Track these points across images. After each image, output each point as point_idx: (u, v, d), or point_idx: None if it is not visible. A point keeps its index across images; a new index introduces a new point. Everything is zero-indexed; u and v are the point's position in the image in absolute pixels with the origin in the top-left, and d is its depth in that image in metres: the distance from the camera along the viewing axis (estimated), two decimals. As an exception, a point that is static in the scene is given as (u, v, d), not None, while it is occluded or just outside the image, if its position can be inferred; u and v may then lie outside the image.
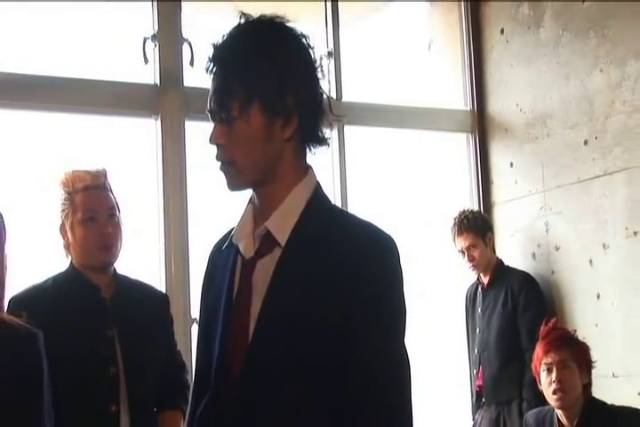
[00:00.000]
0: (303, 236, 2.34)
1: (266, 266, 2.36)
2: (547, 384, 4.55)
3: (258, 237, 2.39)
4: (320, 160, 2.48)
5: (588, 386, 4.59)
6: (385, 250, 2.34)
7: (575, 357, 4.56)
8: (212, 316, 2.47)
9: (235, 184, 2.41)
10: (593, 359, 4.61)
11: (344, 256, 2.26)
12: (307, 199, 2.39)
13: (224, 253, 2.52)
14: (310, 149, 2.44)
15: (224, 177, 2.41)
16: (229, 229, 2.55)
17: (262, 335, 2.31)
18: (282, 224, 2.36)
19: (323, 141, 2.43)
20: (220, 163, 2.41)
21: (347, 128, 6.30)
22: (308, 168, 2.44)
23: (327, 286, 2.25)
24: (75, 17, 5.84)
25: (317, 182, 2.45)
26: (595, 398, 4.63)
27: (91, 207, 3.74)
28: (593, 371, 4.62)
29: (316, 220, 2.38)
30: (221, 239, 2.58)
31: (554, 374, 4.53)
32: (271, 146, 2.33)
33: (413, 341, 6.29)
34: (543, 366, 4.61)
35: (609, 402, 4.64)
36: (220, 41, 2.40)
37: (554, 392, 4.52)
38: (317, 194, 2.42)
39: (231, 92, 2.34)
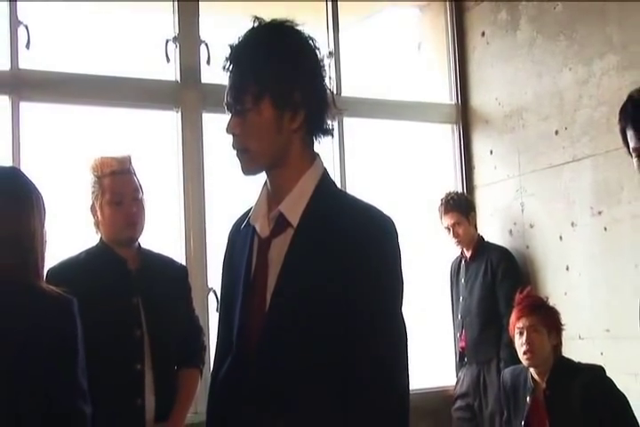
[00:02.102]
0: (313, 217, 2.36)
1: (280, 244, 2.38)
2: (519, 346, 4.59)
3: (272, 219, 2.41)
4: (321, 149, 2.49)
5: (557, 346, 4.60)
6: (385, 231, 2.35)
7: (544, 322, 4.57)
8: (232, 289, 2.48)
9: (248, 169, 2.44)
10: (562, 323, 4.63)
11: (349, 237, 2.28)
12: (315, 184, 2.42)
13: (242, 233, 2.52)
14: (317, 139, 2.46)
15: (239, 163, 2.44)
16: (246, 210, 2.57)
17: (278, 305, 2.32)
18: (293, 207, 2.39)
19: (327, 132, 2.45)
20: (235, 150, 2.44)
21: (345, 120, 6.28)
22: (315, 156, 2.47)
23: (333, 262, 2.27)
24: (106, 22, 5.83)
25: (324, 169, 2.47)
26: (563, 357, 4.64)
27: (117, 190, 3.76)
28: (564, 333, 4.63)
29: (324, 203, 2.40)
30: (239, 219, 2.60)
31: (524, 337, 4.56)
32: (280, 136, 2.36)
33: (410, 308, 6.29)
34: (516, 330, 4.63)
35: (576, 360, 4.65)
36: (236, 42, 2.42)
37: (524, 353, 4.55)
38: (325, 179, 2.45)
39: (245, 88, 2.37)
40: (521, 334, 4.59)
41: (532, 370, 4.58)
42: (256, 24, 2.42)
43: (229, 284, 2.54)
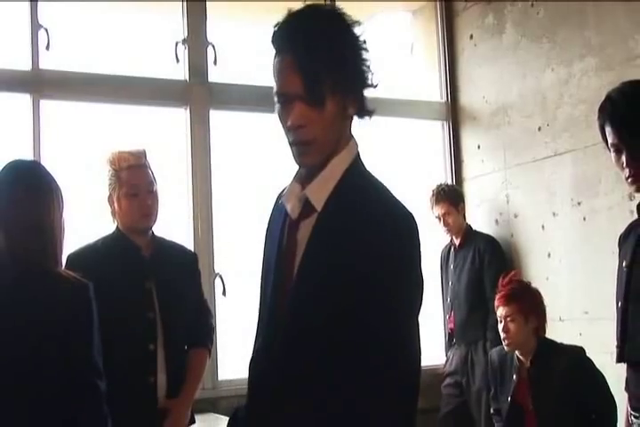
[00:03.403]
0: (337, 203, 2.22)
1: (306, 227, 2.27)
2: (500, 332, 4.61)
3: (300, 202, 2.29)
4: None
5: (538, 328, 4.60)
6: (403, 228, 2.21)
7: (522, 309, 4.56)
8: (267, 264, 2.38)
9: (312, 161, 2.25)
10: (545, 305, 4.63)
11: (367, 229, 2.15)
12: (345, 167, 2.27)
13: (280, 208, 2.40)
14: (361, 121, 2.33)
15: (298, 156, 2.25)
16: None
17: (301, 282, 2.22)
18: (319, 192, 2.24)
19: (371, 113, 2.31)
20: (295, 143, 2.23)
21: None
22: (350, 138, 2.31)
23: (350, 250, 2.14)
24: (120, 25, 5.84)
25: (357, 152, 2.32)
26: (546, 339, 4.65)
27: (133, 183, 3.75)
28: (546, 315, 4.63)
29: (351, 189, 2.25)
30: (281, 193, 2.45)
31: (502, 325, 4.58)
32: (343, 123, 2.24)
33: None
34: (498, 317, 4.65)
35: (557, 341, 4.66)
36: (291, 27, 2.21)
37: (503, 339, 4.58)
38: (355, 162, 2.30)
39: (320, 78, 2.16)
40: (500, 321, 4.61)
41: (516, 351, 4.60)
42: (309, 10, 2.23)
43: (266, 259, 2.42)
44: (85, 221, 4.50)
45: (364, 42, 2.27)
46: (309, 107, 2.17)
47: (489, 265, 5.90)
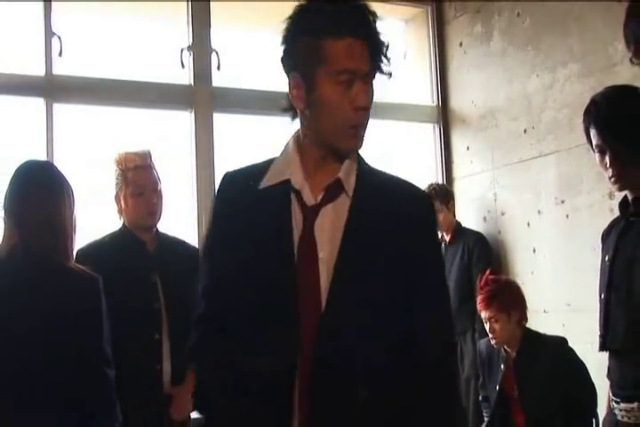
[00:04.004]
0: (366, 186, 2.17)
1: (331, 213, 2.14)
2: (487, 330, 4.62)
3: (324, 187, 2.16)
4: None
5: (522, 318, 4.60)
6: (430, 203, 2.28)
7: (502, 308, 4.50)
8: (253, 253, 2.14)
9: (361, 146, 2.22)
10: (529, 299, 4.63)
11: (406, 207, 2.13)
12: (356, 155, 2.24)
13: (261, 195, 2.18)
14: None
15: (358, 139, 2.19)
16: (243, 171, 2.30)
17: (343, 274, 2.09)
18: (348, 176, 2.16)
19: None
20: (359, 126, 2.17)
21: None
22: None
23: (394, 230, 2.10)
24: (128, 33, 5.85)
25: None
26: (530, 330, 4.64)
27: (139, 183, 3.78)
28: (530, 307, 4.61)
29: (370, 173, 2.23)
30: (240, 178, 2.28)
31: (488, 326, 4.57)
32: None
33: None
34: (482, 319, 4.65)
35: (541, 332, 4.67)
36: (371, 14, 2.16)
37: (490, 338, 4.57)
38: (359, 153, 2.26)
39: (385, 54, 2.19)
40: (485, 322, 4.61)
41: (504, 343, 4.61)
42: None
43: (246, 247, 2.16)
44: (94, 218, 4.51)
45: None
46: (370, 86, 2.15)
47: (477, 260, 5.90)
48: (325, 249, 2.12)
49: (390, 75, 2.20)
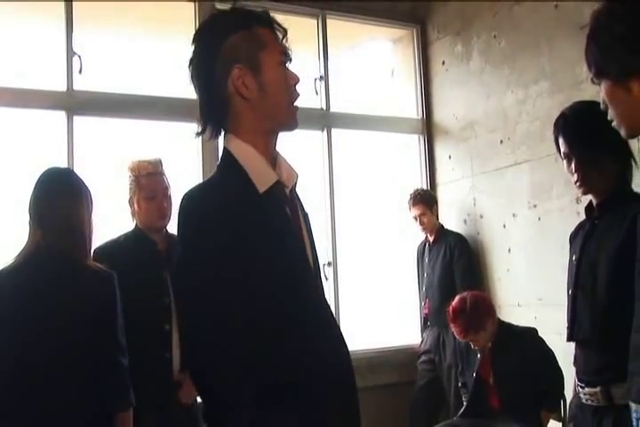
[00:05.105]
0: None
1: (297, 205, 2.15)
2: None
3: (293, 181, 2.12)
4: (312, 154, 2.44)
5: (494, 323, 4.61)
6: None
7: (478, 328, 4.51)
8: (294, 259, 2.01)
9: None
10: (505, 294, 4.64)
11: None
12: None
13: (263, 199, 2.01)
14: None
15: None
16: (213, 185, 2.09)
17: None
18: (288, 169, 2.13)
19: None
20: (296, 101, 2.11)
21: (333, 131, 6.31)
22: None
23: None
24: (141, 52, 5.86)
25: None
26: (503, 322, 4.66)
27: (152, 188, 3.78)
28: (505, 301, 4.64)
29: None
30: (233, 190, 2.00)
31: (472, 345, 4.62)
32: None
33: (385, 282, 6.25)
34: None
35: (515, 323, 4.69)
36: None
37: (473, 347, 4.63)
38: None
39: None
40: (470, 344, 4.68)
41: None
42: None
43: (291, 255, 2.01)
44: (110, 219, 4.53)
45: None
46: None
47: (458, 259, 5.91)
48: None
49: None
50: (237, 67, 2.04)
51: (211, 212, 1.91)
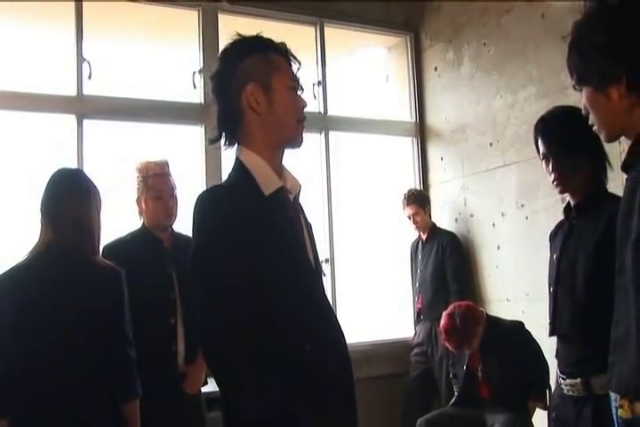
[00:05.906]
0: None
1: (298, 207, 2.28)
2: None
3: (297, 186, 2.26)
4: (311, 155, 2.47)
5: (483, 324, 4.64)
6: None
7: (471, 338, 4.60)
8: (296, 258, 2.12)
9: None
10: (494, 289, 4.65)
11: None
12: None
13: (268, 200, 2.13)
14: None
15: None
16: (226, 187, 2.18)
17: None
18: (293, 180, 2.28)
19: None
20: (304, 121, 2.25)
21: (331, 133, 6.33)
22: None
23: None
24: (148, 58, 5.87)
25: None
26: (491, 316, 4.69)
27: (159, 188, 3.79)
28: (494, 296, 4.64)
29: None
30: (231, 193, 2.13)
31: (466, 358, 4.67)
32: None
33: (380, 278, 6.22)
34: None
35: (503, 317, 4.71)
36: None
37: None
38: None
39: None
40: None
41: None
42: None
43: (294, 253, 2.13)
44: (117, 218, 4.54)
45: None
46: None
47: (450, 256, 5.92)
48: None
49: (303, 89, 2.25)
50: (251, 84, 2.19)
51: (222, 208, 2.05)
